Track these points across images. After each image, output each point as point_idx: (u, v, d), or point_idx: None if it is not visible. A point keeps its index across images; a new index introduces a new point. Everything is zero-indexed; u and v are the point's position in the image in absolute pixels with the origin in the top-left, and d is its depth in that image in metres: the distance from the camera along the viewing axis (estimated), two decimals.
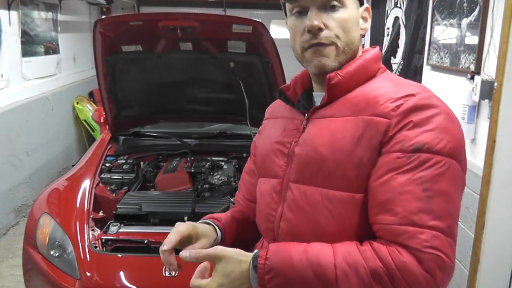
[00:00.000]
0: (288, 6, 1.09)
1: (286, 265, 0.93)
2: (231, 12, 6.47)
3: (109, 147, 3.22)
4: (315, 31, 1.02)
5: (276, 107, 1.26)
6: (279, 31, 7.81)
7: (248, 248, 1.23)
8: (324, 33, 1.02)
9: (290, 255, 0.94)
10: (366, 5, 1.10)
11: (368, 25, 1.11)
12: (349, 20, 1.04)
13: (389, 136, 0.94)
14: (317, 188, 1.01)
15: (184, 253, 0.99)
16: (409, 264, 0.87)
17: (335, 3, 1.02)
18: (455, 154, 0.94)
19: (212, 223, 1.21)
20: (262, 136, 1.25)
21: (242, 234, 1.28)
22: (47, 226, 2.33)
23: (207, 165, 3.01)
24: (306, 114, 1.11)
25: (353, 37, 1.06)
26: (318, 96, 1.12)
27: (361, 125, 0.98)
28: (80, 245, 2.25)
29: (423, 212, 0.88)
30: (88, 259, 2.20)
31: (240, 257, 0.96)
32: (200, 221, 1.23)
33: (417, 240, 0.87)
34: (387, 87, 1.02)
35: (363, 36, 1.11)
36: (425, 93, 0.98)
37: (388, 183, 0.92)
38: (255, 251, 0.97)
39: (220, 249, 0.97)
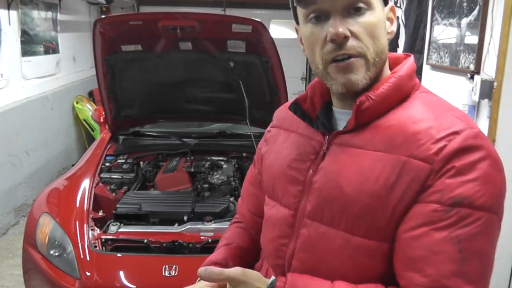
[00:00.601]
0: (302, 11, 0.90)
1: None
2: (231, 12, 6.47)
3: (108, 146, 3.22)
4: (340, 40, 0.85)
5: (288, 116, 1.07)
6: (279, 30, 7.81)
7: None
8: (351, 42, 0.85)
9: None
10: (391, 3, 0.95)
11: (394, 27, 0.95)
12: (377, 25, 0.88)
13: (428, 184, 0.81)
14: (339, 232, 0.88)
15: (202, 271, 0.86)
16: None
17: (361, 5, 0.86)
18: (496, 207, 0.82)
19: None
20: (271, 151, 1.08)
21: (248, 262, 1.15)
22: (47, 225, 2.33)
23: (206, 165, 3.01)
24: (327, 137, 0.95)
25: (382, 44, 0.89)
26: (341, 114, 0.96)
27: (397, 166, 0.83)
28: (79, 244, 2.25)
29: (457, 275, 0.78)
30: (88, 258, 2.20)
31: (259, 284, 0.86)
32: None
33: None
34: (427, 119, 0.85)
35: (389, 40, 0.95)
36: (471, 130, 0.83)
37: (421, 238, 0.80)
38: (272, 278, 0.87)
39: (241, 273, 0.86)
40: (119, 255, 2.26)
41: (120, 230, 2.38)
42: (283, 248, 0.97)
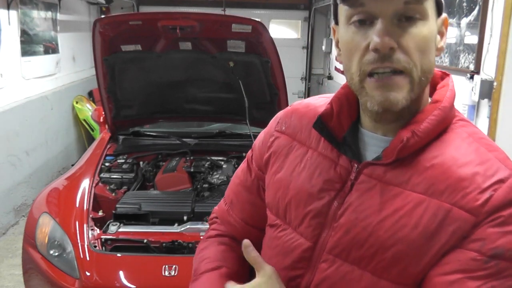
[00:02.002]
0: (345, 11, 0.79)
1: None
2: (231, 12, 6.47)
3: (108, 146, 3.22)
4: (384, 52, 0.73)
5: (304, 125, 0.93)
6: (278, 30, 7.81)
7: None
8: (398, 55, 0.74)
9: None
10: (444, 15, 0.82)
11: (444, 43, 0.83)
12: (430, 39, 0.77)
13: (474, 239, 0.75)
14: (365, 273, 0.80)
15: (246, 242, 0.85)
16: None
17: (415, 14, 0.75)
18: None
19: None
20: (283, 165, 0.94)
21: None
22: (46, 225, 2.33)
23: (206, 165, 3.01)
24: (356, 166, 0.84)
25: (431, 62, 0.78)
26: (372, 138, 0.85)
27: (439, 214, 0.75)
28: (79, 244, 2.24)
29: None
30: (88, 258, 2.20)
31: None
32: None
33: None
34: (471, 162, 0.77)
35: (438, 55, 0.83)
36: None
37: (454, 284, 0.74)
38: None
39: (271, 270, 0.85)
40: (119, 255, 2.26)
41: (120, 230, 2.38)
42: (297, 280, 0.88)
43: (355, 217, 0.81)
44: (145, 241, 2.30)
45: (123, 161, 3.05)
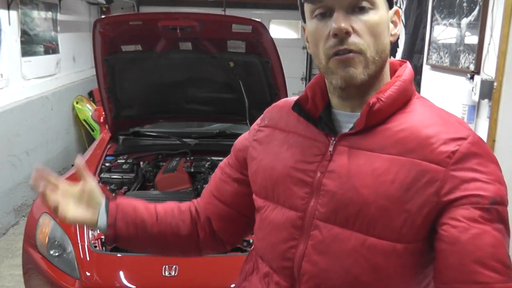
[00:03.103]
0: (309, 7, 0.94)
1: None
2: (231, 12, 6.47)
3: (108, 146, 3.22)
4: (342, 36, 0.87)
5: (284, 115, 1.07)
6: (278, 31, 7.81)
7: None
8: (352, 39, 0.88)
9: None
10: (395, 7, 0.97)
11: (398, 30, 0.98)
12: (380, 24, 0.91)
13: (452, 186, 0.85)
14: (353, 233, 0.90)
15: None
16: None
17: (365, 4, 0.89)
18: (507, 201, 0.90)
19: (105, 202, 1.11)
20: (267, 152, 1.05)
21: (162, 228, 1.14)
22: (46, 225, 2.33)
23: (206, 165, 3.01)
24: (333, 139, 0.95)
25: (383, 44, 0.92)
26: (342, 116, 0.98)
27: (412, 169, 0.87)
28: (79, 244, 2.25)
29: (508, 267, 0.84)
30: (88, 258, 2.20)
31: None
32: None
33: None
34: (435, 124, 0.90)
35: (392, 42, 0.98)
36: (475, 136, 0.90)
37: (482, 236, 0.83)
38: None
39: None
40: (119, 255, 2.26)
41: None
42: (291, 251, 0.96)
43: (338, 182, 0.91)
44: None
45: (123, 161, 3.04)
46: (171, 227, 1.14)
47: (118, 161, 3.05)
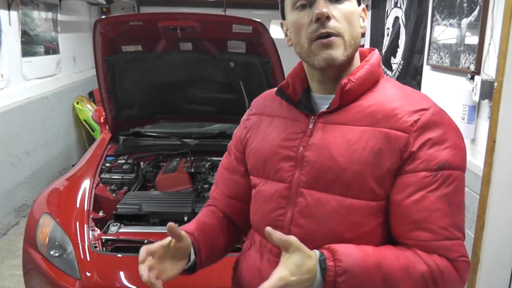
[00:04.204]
0: (290, 1, 1.07)
1: (360, 268, 0.94)
2: (231, 12, 6.47)
3: (109, 147, 3.22)
4: (323, 19, 1.00)
5: (268, 103, 1.22)
6: (279, 31, 7.80)
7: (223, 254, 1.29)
8: (332, 23, 1.01)
9: (362, 257, 0.95)
10: (363, 5, 1.12)
11: (365, 25, 1.11)
12: (353, 14, 1.05)
13: (410, 151, 0.99)
14: (333, 196, 1.02)
15: (270, 229, 0.94)
16: (450, 270, 0.98)
17: None
18: (465, 166, 1.04)
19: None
20: (256, 136, 1.19)
21: (217, 243, 1.24)
22: (47, 226, 2.33)
23: (207, 165, 3.01)
24: (312, 117, 1.09)
25: (357, 31, 1.06)
26: (320, 99, 1.11)
27: (380, 137, 1.00)
28: (80, 245, 2.25)
29: (452, 226, 0.98)
30: (88, 259, 2.20)
31: (309, 252, 0.94)
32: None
33: (452, 252, 0.98)
34: (400, 98, 1.05)
35: (362, 35, 1.11)
36: (436, 107, 1.03)
37: (420, 202, 0.98)
38: (314, 251, 0.95)
39: (294, 238, 0.94)
40: (119, 255, 2.26)
41: (120, 230, 2.38)
42: (280, 218, 1.09)
43: (318, 153, 1.05)
44: (145, 241, 2.30)
45: (123, 161, 3.04)
46: (230, 238, 1.29)
47: (119, 161, 3.05)
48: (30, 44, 4.61)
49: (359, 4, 1.09)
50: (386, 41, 4.63)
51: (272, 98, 1.20)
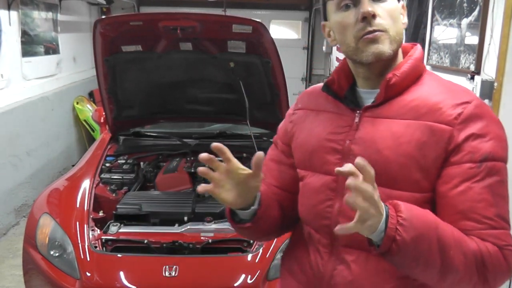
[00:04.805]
0: (334, 2, 1.09)
1: (418, 221, 0.95)
2: (231, 12, 6.47)
3: (109, 147, 3.22)
4: (369, 18, 1.04)
5: (313, 98, 1.25)
6: (279, 31, 7.81)
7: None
8: (377, 20, 1.05)
9: (422, 214, 0.97)
10: (402, 2, 1.14)
11: (406, 21, 1.14)
12: (396, 10, 1.09)
13: (455, 144, 1.02)
14: (380, 188, 1.01)
15: (360, 160, 0.92)
16: (499, 256, 1.00)
17: None
18: (506, 157, 1.06)
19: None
20: (302, 130, 1.23)
21: (272, 211, 1.24)
22: (47, 226, 2.34)
23: (207, 165, 3.00)
24: (358, 111, 1.12)
25: (400, 27, 1.09)
26: (366, 94, 1.14)
27: (425, 130, 1.03)
28: (80, 245, 2.25)
29: (497, 216, 1.01)
30: (88, 259, 2.20)
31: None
32: None
33: (499, 240, 1.00)
34: (443, 92, 1.07)
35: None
36: (478, 100, 1.06)
37: (465, 193, 1.01)
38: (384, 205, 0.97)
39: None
40: (119, 255, 2.26)
41: (121, 230, 2.38)
42: (328, 210, 1.12)
43: (364, 146, 1.08)
44: (145, 241, 2.30)
45: (123, 161, 3.05)
46: (280, 216, 1.25)
47: (119, 161, 3.05)
48: (30, 44, 4.61)
49: (398, 1, 1.13)
50: None
51: (317, 93, 1.23)
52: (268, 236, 1.32)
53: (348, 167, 0.91)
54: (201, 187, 1.09)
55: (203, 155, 1.10)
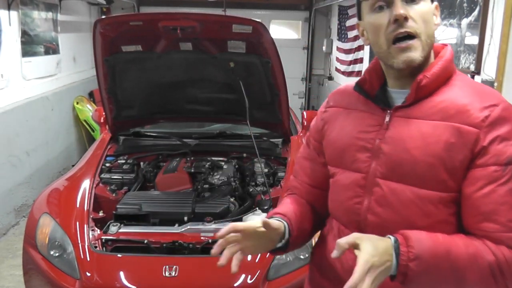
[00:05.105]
0: (368, 3, 1.12)
1: (430, 254, 0.99)
2: (231, 12, 6.47)
3: (109, 147, 3.22)
4: (401, 20, 1.05)
5: (345, 96, 1.27)
6: (279, 31, 7.81)
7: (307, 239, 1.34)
8: (410, 23, 1.06)
9: (433, 244, 1.00)
10: (435, 2, 1.15)
11: (439, 21, 1.15)
12: (428, 12, 1.09)
13: (481, 146, 1.03)
14: (408, 187, 1.08)
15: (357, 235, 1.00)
16: None
17: None
18: None
19: (281, 220, 1.22)
20: (333, 127, 1.26)
21: (305, 225, 1.29)
22: (47, 226, 2.34)
23: (207, 165, 3.01)
24: (388, 111, 1.14)
25: (432, 29, 1.11)
26: (396, 94, 1.16)
27: (452, 131, 1.05)
28: (80, 245, 2.25)
29: None
30: (88, 259, 2.20)
31: (376, 236, 1.01)
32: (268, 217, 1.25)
33: None
34: (471, 94, 1.09)
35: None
36: (505, 103, 1.08)
37: (490, 195, 1.03)
38: (388, 236, 1.02)
39: (356, 233, 1.01)
40: (119, 255, 2.26)
41: (120, 230, 2.38)
42: (357, 206, 1.16)
43: (394, 145, 1.10)
44: (145, 241, 2.30)
45: (123, 161, 3.05)
46: (314, 222, 1.33)
47: (119, 161, 3.05)
48: (30, 44, 4.61)
49: (432, 1, 1.13)
50: None
51: (349, 92, 1.25)
52: (303, 244, 1.35)
53: (342, 242, 0.95)
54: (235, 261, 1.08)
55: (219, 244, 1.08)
